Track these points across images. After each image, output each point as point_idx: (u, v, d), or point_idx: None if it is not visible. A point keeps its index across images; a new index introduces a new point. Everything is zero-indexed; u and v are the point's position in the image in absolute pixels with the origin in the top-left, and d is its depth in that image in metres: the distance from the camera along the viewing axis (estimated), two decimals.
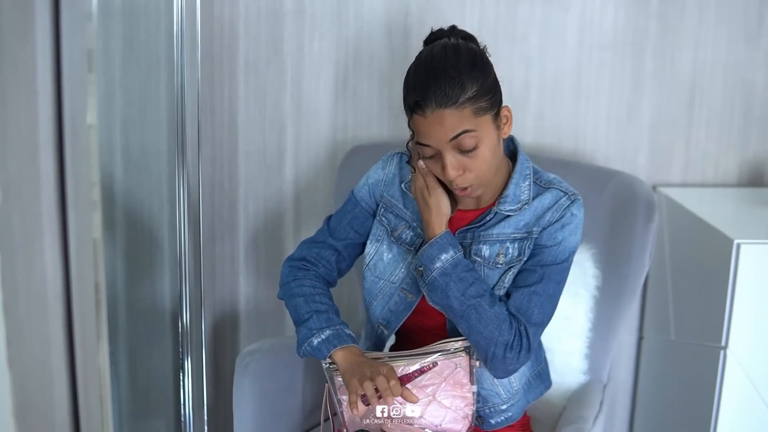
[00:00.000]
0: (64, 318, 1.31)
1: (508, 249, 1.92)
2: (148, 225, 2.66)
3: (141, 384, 2.75)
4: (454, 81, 1.76)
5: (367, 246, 2.07)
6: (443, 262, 1.87)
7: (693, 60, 2.69)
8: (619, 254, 2.31)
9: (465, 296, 1.85)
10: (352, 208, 2.09)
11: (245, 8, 2.63)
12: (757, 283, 2.26)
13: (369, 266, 2.06)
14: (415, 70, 1.83)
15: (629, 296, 2.31)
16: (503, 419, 2.03)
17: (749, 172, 2.77)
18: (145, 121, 2.60)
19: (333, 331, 1.93)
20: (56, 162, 1.27)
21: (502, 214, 1.93)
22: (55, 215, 1.28)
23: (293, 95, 2.70)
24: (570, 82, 2.69)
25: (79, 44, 1.27)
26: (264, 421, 2.15)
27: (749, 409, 2.31)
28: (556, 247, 1.90)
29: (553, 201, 1.92)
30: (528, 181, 1.95)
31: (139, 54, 2.56)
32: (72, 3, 1.25)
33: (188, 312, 2.37)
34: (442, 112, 1.76)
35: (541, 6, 2.64)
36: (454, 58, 1.80)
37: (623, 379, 2.88)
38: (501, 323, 1.84)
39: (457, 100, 1.76)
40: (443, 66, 1.78)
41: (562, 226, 1.90)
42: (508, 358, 1.85)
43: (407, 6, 2.63)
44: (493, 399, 2.01)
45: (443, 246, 1.89)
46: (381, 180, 2.07)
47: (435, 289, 1.88)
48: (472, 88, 1.77)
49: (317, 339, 1.92)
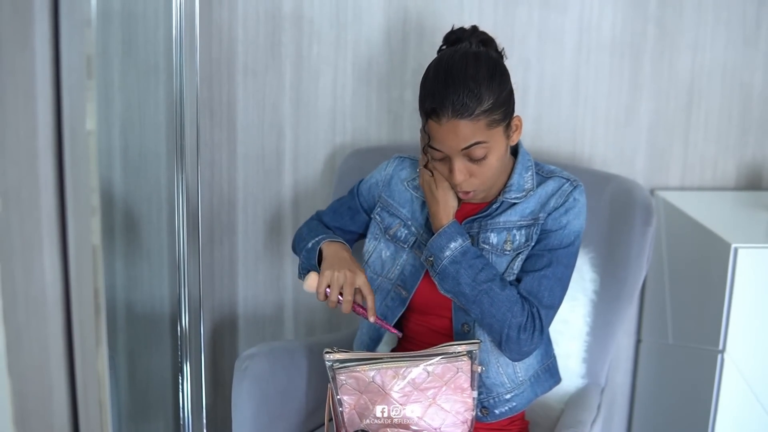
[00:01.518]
0: (64, 323, 1.31)
1: (515, 236, 1.97)
2: (147, 228, 2.67)
3: (140, 387, 2.75)
4: (473, 93, 1.80)
5: (366, 244, 2.15)
6: (452, 250, 1.92)
7: (691, 63, 2.69)
8: (616, 258, 2.31)
9: (476, 282, 1.89)
10: (350, 198, 2.21)
11: (244, 12, 2.64)
12: (755, 286, 2.27)
13: (368, 263, 2.13)
14: (434, 75, 1.87)
15: (627, 300, 2.32)
16: (507, 409, 2.04)
17: (747, 176, 2.77)
18: (144, 124, 2.60)
19: (326, 235, 2.07)
20: (55, 168, 1.27)
21: (508, 202, 1.99)
22: (55, 221, 1.28)
23: (292, 99, 2.70)
24: (568, 85, 2.69)
25: (78, 50, 1.27)
26: (262, 424, 2.15)
27: (747, 413, 2.32)
28: (562, 231, 1.96)
29: (557, 187, 1.99)
30: (530, 172, 2.01)
31: (138, 58, 2.56)
32: (71, 9, 1.25)
33: (187, 315, 2.37)
34: (458, 122, 1.81)
35: (539, 9, 2.64)
36: (474, 68, 1.84)
37: (621, 382, 2.89)
38: (513, 305, 1.89)
39: (473, 112, 1.80)
40: (463, 76, 1.82)
41: (566, 211, 1.96)
42: (522, 339, 1.90)
43: (406, 10, 2.63)
44: (498, 389, 2.03)
45: (451, 235, 1.93)
46: (381, 180, 2.15)
47: (446, 277, 1.93)
48: (488, 101, 1.82)
49: (311, 242, 2.04)
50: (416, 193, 2.09)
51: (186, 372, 2.40)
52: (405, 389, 1.90)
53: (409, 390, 1.90)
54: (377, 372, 1.90)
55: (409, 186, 2.11)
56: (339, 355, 1.93)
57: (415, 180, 2.10)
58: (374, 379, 1.90)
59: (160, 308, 2.68)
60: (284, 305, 2.85)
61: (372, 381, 1.90)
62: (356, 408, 1.93)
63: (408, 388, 1.90)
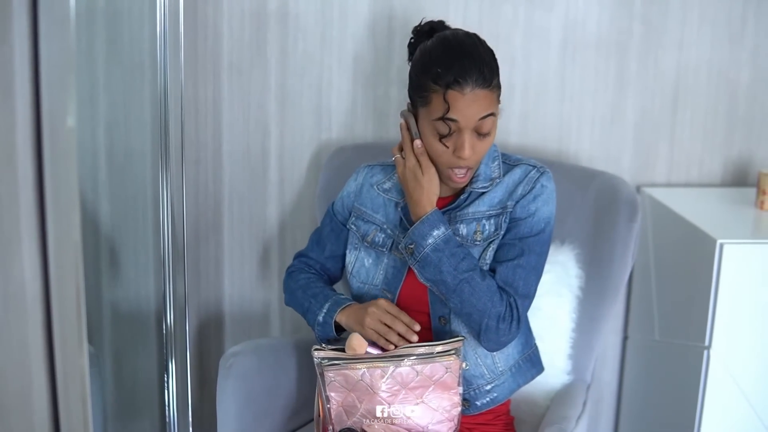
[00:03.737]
0: (44, 321, 1.31)
1: (484, 226, 1.98)
2: (133, 226, 2.66)
3: (126, 386, 2.75)
4: (489, 66, 1.87)
5: (347, 256, 2.15)
6: (435, 238, 1.92)
7: (677, 60, 2.70)
8: (602, 254, 2.31)
9: (458, 270, 1.90)
10: (329, 221, 2.21)
11: (229, 9, 2.63)
12: (740, 282, 2.27)
13: (353, 274, 2.13)
14: (446, 50, 1.89)
15: (612, 296, 2.32)
16: (489, 400, 2.05)
17: (733, 172, 2.78)
18: (129, 122, 2.60)
19: (331, 302, 2.06)
20: (35, 165, 1.26)
21: (476, 192, 2.00)
22: (34, 218, 1.27)
23: (277, 96, 2.69)
24: (554, 83, 2.69)
25: (59, 46, 1.26)
26: (247, 422, 2.15)
27: (733, 408, 2.32)
28: (531, 219, 1.97)
29: (523, 175, 2.00)
30: (497, 162, 2.03)
31: (123, 56, 2.56)
32: (51, 5, 1.25)
33: (172, 313, 2.37)
34: (480, 91, 1.85)
35: (524, 7, 2.64)
36: (481, 45, 1.91)
37: (608, 378, 2.89)
38: (493, 295, 1.90)
39: (491, 83, 1.87)
40: (478, 51, 1.88)
41: (534, 197, 1.97)
42: (501, 329, 1.90)
43: (391, 7, 2.63)
44: (477, 380, 2.03)
45: (434, 223, 1.93)
46: (352, 192, 2.17)
47: (428, 264, 1.93)
48: (497, 76, 1.89)
49: (321, 315, 2.04)
50: (387, 195, 2.09)
51: (171, 370, 2.40)
52: (393, 388, 1.90)
53: (397, 389, 1.90)
54: (366, 370, 1.91)
55: (380, 189, 2.11)
56: (328, 353, 1.93)
57: (385, 183, 2.11)
58: (363, 377, 1.91)
59: (146, 306, 2.68)
60: (270, 303, 2.84)
61: (360, 379, 1.91)
62: (343, 405, 1.94)
63: (396, 387, 1.90)
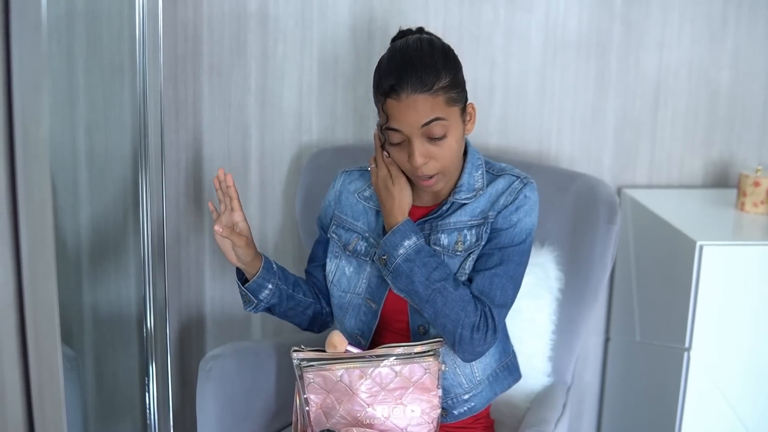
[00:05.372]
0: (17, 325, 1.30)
1: (465, 236, 1.96)
2: (113, 229, 2.65)
3: (107, 388, 2.74)
4: (430, 69, 1.81)
5: (327, 264, 2.13)
6: (406, 248, 1.91)
7: (657, 61, 2.70)
8: (581, 256, 2.31)
9: (429, 280, 1.88)
10: (320, 235, 2.19)
11: (209, 11, 2.62)
12: (720, 284, 2.27)
13: (333, 282, 2.11)
14: (389, 58, 1.87)
15: (592, 298, 2.32)
16: (466, 409, 2.04)
17: (714, 174, 2.79)
18: (109, 125, 2.59)
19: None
20: (7, 169, 1.26)
21: (458, 203, 1.98)
22: (7, 222, 1.27)
23: (257, 98, 2.69)
24: (534, 84, 2.69)
25: (31, 51, 1.26)
26: (227, 424, 2.15)
27: (713, 410, 2.33)
28: (512, 229, 1.94)
29: (507, 185, 1.97)
30: (480, 171, 2.00)
31: (102, 58, 2.54)
32: (23, 10, 1.24)
33: (153, 316, 2.36)
34: (417, 97, 1.81)
35: (504, 8, 2.64)
36: (429, 49, 1.86)
37: (590, 380, 2.90)
38: (466, 305, 1.87)
39: (432, 86, 1.81)
40: (420, 55, 1.84)
41: (517, 208, 1.95)
42: (475, 339, 1.88)
43: (371, 9, 2.63)
44: (455, 389, 2.02)
45: (405, 233, 1.92)
46: (332, 199, 2.15)
47: (399, 275, 1.91)
48: (445, 78, 1.83)
49: None
50: (368, 203, 2.08)
51: (152, 373, 2.39)
52: (372, 389, 1.90)
53: (376, 390, 1.90)
54: (345, 371, 1.90)
55: (360, 198, 2.09)
56: (307, 354, 1.92)
57: (365, 191, 2.09)
58: (341, 378, 1.90)
59: (127, 309, 2.67)
60: None
61: (339, 380, 1.90)
62: (322, 407, 1.93)
63: (375, 388, 1.89)
